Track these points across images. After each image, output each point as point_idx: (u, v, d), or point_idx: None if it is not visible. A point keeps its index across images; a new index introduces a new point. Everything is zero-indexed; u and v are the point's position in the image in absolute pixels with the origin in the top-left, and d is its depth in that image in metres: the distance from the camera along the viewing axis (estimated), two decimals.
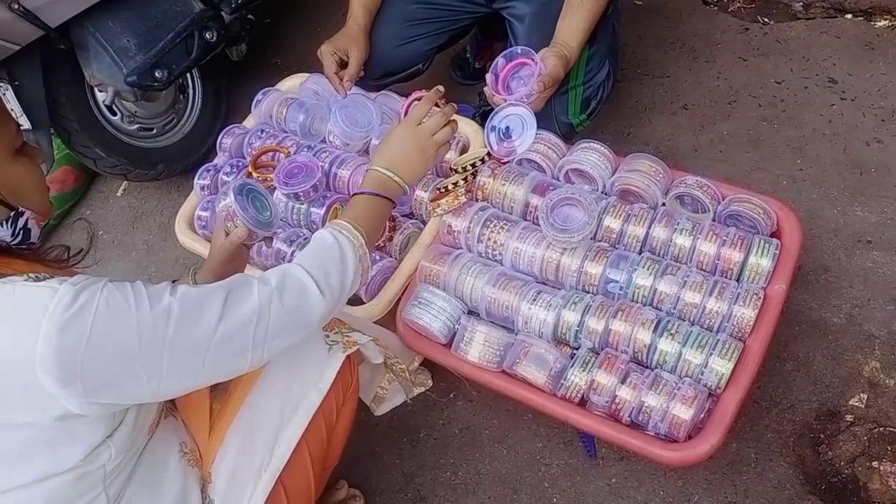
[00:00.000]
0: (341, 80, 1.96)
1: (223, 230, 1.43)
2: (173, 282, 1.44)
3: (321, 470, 1.44)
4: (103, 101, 2.36)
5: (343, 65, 1.98)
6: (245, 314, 1.09)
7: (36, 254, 1.15)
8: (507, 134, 1.72)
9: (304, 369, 1.38)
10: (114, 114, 2.44)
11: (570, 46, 1.75)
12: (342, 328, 1.47)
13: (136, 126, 2.49)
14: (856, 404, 1.74)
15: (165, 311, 1.03)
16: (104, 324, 0.98)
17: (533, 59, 1.68)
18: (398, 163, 1.46)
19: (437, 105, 1.58)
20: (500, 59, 1.74)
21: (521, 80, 1.74)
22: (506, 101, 1.70)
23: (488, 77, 1.74)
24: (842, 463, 1.68)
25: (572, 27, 1.76)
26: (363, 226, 1.33)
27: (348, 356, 1.41)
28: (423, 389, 1.81)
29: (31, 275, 1.00)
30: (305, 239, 1.90)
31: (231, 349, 1.09)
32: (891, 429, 1.69)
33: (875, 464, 1.66)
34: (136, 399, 1.08)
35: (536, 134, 1.80)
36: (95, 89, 2.32)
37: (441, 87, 1.59)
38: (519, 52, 1.72)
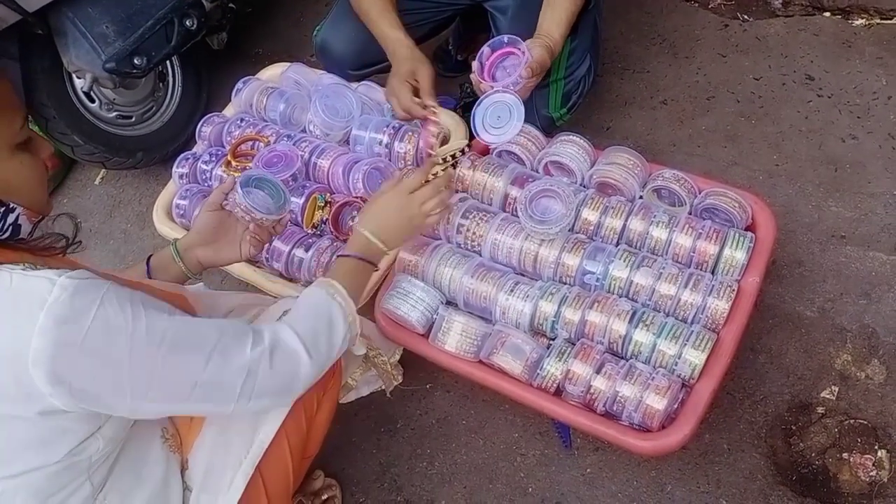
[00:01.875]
0: (424, 106, 1.82)
1: (218, 199, 1.51)
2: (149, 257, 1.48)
3: (300, 460, 1.44)
4: (81, 88, 2.33)
5: (415, 91, 1.85)
6: (234, 369, 1.11)
7: (27, 244, 1.14)
8: (493, 121, 1.69)
9: None
10: (92, 101, 2.41)
11: (554, 38, 1.75)
12: None
13: (114, 114, 2.47)
14: (827, 396, 1.76)
15: (159, 337, 1.05)
16: (98, 337, 0.99)
17: (519, 48, 1.68)
18: (385, 229, 1.48)
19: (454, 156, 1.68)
20: (485, 49, 1.73)
21: (505, 69, 1.73)
22: (493, 87, 1.69)
23: (474, 65, 1.73)
24: (813, 454, 1.70)
25: (555, 18, 1.77)
26: (352, 291, 1.35)
27: None
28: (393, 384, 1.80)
29: (26, 264, 1.00)
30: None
31: (217, 397, 1.12)
32: (861, 421, 1.72)
33: (845, 455, 1.69)
34: (114, 412, 1.08)
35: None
36: (74, 76, 2.30)
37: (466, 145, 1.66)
38: (505, 40, 1.70)
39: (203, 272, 1.58)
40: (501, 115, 1.67)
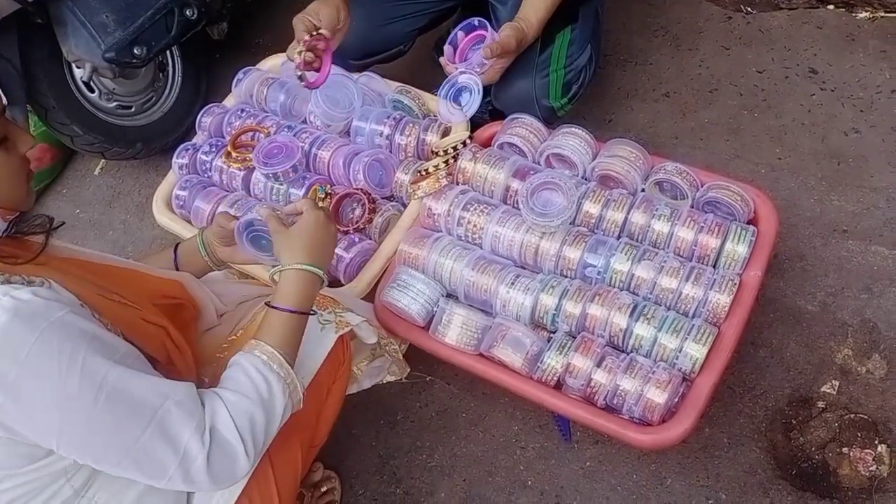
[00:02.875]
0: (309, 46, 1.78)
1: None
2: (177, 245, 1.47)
3: (309, 447, 1.45)
4: (81, 78, 2.32)
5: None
6: (170, 447, 1.03)
7: None
8: (456, 101, 1.79)
9: None
10: (92, 91, 2.40)
11: (529, 21, 1.80)
12: (335, 307, 1.46)
13: (114, 104, 2.46)
14: (828, 391, 1.76)
15: (93, 392, 0.97)
16: (28, 382, 0.94)
17: (486, 31, 1.75)
18: (309, 253, 1.30)
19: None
20: (458, 32, 1.80)
21: (477, 52, 1.79)
22: (457, 69, 1.77)
23: (446, 48, 1.81)
24: (813, 448, 1.70)
25: (534, 3, 1.81)
26: (288, 350, 1.21)
27: (341, 336, 1.41)
28: (393, 378, 1.80)
29: None
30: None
31: (148, 469, 1.04)
32: (861, 415, 1.71)
33: (845, 450, 1.68)
34: (47, 445, 1.01)
35: (518, 118, 1.81)
36: (73, 65, 2.28)
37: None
38: (476, 24, 1.77)
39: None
40: (464, 96, 1.77)
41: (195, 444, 1.04)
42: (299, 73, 1.80)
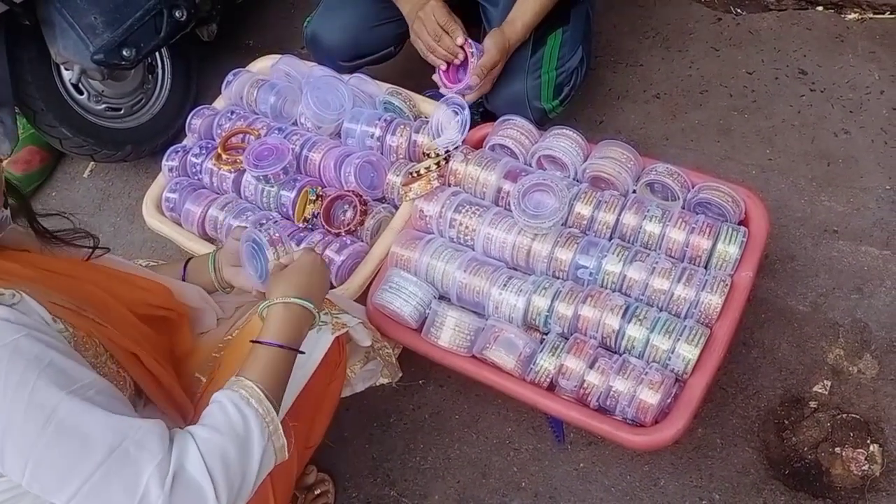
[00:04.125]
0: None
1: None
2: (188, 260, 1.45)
3: (304, 448, 1.44)
4: (69, 80, 2.31)
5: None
6: (124, 488, 0.94)
7: None
8: (446, 122, 1.83)
9: None
10: (80, 93, 2.38)
11: (515, 27, 1.84)
12: (332, 309, 1.46)
13: (103, 106, 2.44)
14: (819, 391, 1.77)
15: (42, 420, 0.93)
16: None
17: (469, 51, 1.81)
18: (302, 287, 1.25)
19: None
20: None
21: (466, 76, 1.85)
22: (450, 91, 1.86)
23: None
24: (805, 448, 1.71)
25: (520, 8, 1.85)
26: (273, 389, 1.13)
27: (337, 337, 1.41)
28: (385, 381, 1.79)
29: None
30: (275, 223, 1.88)
31: None
32: (853, 415, 1.72)
33: (838, 449, 1.69)
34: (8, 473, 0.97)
35: (509, 120, 1.81)
36: (61, 67, 2.27)
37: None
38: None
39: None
40: (447, 122, 1.83)
41: (154, 486, 0.95)
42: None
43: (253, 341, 1.18)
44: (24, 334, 0.95)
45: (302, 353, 1.22)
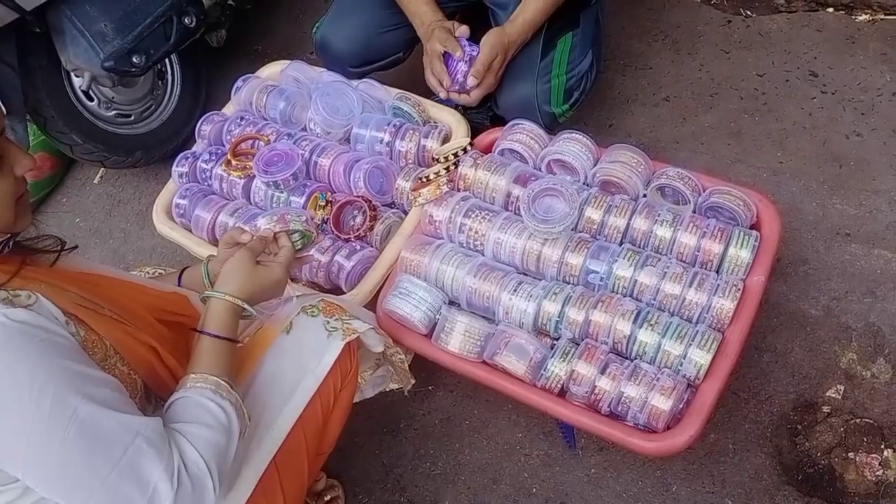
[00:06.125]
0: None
1: (235, 235, 1.44)
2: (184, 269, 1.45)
3: (315, 455, 1.44)
4: (80, 87, 2.32)
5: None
6: (138, 485, 0.98)
7: None
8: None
9: (303, 354, 1.38)
10: (91, 99, 2.40)
11: (514, 24, 1.84)
12: (342, 315, 1.46)
13: (113, 112, 2.46)
14: (833, 396, 1.75)
15: (63, 424, 0.95)
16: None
17: (466, 54, 1.83)
18: (239, 286, 1.28)
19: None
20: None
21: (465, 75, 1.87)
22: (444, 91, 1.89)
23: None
24: (818, 454, 1.69)
25: (524, 6, 1.84)
26: (229, 376, 1.19)
27: (348, 343, 1.41)
28: (397, 387, 1.79)
29: None
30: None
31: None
32: (867, 420, 1.71)
33: (851, 454, 1.68)
34: (13, 473, 0.99)
35: (518, 124, 1.81)
36: (72, 74, 2.28)
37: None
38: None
39: None
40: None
41: (164, 484, 0.99)
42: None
43: (198, 332, 1.22)
44: (42, 338, 0.97)
45: (240, 343, 1.30)
